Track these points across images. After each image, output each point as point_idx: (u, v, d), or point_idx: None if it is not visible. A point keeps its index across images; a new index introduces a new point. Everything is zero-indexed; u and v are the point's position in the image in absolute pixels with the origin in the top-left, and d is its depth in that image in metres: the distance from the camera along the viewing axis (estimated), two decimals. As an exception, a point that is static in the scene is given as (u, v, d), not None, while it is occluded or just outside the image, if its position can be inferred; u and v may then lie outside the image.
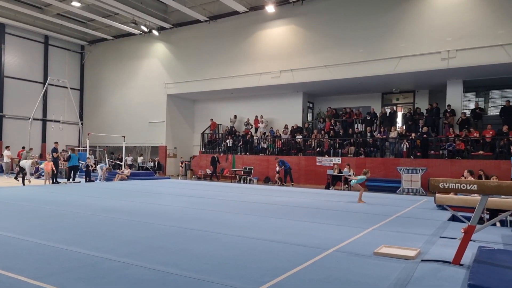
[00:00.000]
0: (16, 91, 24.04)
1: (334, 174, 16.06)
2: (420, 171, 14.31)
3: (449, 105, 16.76)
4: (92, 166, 17.36)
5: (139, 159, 23.21)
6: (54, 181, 15.16)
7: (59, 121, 20.58)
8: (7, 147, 19.64)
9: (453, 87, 17.14)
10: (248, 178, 19.02)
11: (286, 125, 20.24)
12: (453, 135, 15.68)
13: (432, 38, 15.64)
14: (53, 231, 5.75)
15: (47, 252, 4.50)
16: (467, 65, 14.89)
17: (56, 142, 16.84)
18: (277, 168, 17.83)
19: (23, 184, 14.21)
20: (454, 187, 4.09)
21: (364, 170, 10.93)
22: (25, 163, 14.61)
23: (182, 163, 21.74)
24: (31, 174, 15.27)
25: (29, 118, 19.32)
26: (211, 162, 20.08)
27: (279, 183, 17.51)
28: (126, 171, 18.27)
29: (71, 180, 15.71)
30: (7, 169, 19.32)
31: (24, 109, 23.52)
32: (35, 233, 5.56)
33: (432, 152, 15.93)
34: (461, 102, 17.15)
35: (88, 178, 16.61)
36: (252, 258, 4.45)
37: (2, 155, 20.33)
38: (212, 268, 3.98)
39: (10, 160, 18.96)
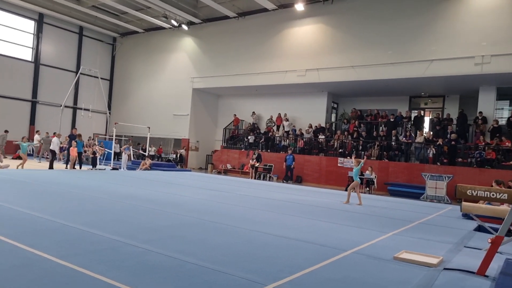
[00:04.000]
0: (50, 78, 24.98)
1: (356, 176, 15.78)
2: (446, 178, 13.86)
3: (480, 112, 16.12)
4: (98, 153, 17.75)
5: (182, 151, 23.08)
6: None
7: (88, 110, 21.25)
8: (37, 132, 20.47)
9: (485, 93, 16.47)
10: (268, 175, 19.00)
11: (310, 124, 20.06)
12: (483, 143, 15.08)
13: (465, 42, 15.07)
14: (78, 214, 5.95)
15: (72, 233, 4.66)
16: (502, 71, 14.25)
17: (75, 129, 17.41)
18: (251, 162, 18.64)
19: (51, 167, 14.75)
20: (483, 195, 3.93)
21: (358, 160, 10.64)
22: (54, 144, 15.18)
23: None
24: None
25: (61, 105, 20.03)
26: (257, 158, 19.74)
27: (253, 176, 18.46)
28: (148, 162, 18.61)
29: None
30: (37, 152, 20.13)
31: (56, 96, 24.41)
32: (61, 214, 5.77)
33: (460, 159, 15.39)
34: (493, 109, 16.45)
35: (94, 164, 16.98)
36: (270, 253, 4.44)
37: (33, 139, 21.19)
38: (229, 260, 4.01)
39: (39, 144, 19.74)
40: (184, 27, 23.03)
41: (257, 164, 18.83)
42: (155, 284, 3.18)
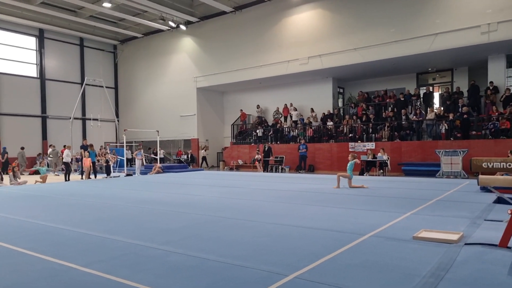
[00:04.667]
0: (57, 92, 25.31)
1: (368, 159, 15.70)
2: (461, 153, 13.66)
3: (491, 82, 15.79)
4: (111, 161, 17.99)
5: (203, 152, 22.92)
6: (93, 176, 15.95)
7: (97, 119, 21.48)
8: (50, 146, 20.87)
9: (495, 62, 16.10)
10: (279, 167, 19.01)
11: (312, 108, 19.97)
12: (496, 113, 14.78)
13: (470, 11, 14.72)
14: (97, 222, 6.07)
15: (93, 242, 4.76)
16: (510, 38, 13.90)
17: (85, 140, 17.76)
18: (257, 156, 19.11)
19: (67, 179, 15.02)
20: (499, 167, 3.87)
21: (354, 154, 10.77)
22: (66, 157, 15.47)
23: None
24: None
25: (70, 118, 20.30)
26: (265, 152, 19.47)
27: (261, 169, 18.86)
28: (157, 166, 18.72)
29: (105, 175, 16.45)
30: (52, 166, 20.53)
31: (64, 109, 24.75)
32: (81, 224, 5.90)
33: (473, 132, 15.13)
34: (504, 78, 16.09)
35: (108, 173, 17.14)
36: (287, 244, 4.47)
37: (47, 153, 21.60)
38: (248, 254, 4.04)
39: (53, 158, 20.13)
40: (182, 27, 23.02)
41: (259, 158, 19.11)
42: (178, 284, 3.23)
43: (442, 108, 16.91)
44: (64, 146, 20.31)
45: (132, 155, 21.10)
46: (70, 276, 3.46)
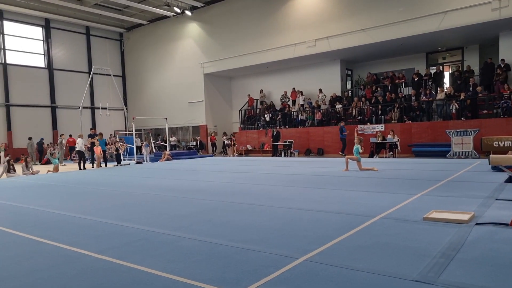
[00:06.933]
0: (65, 82, 25.48)
1: (378, 141, 15.57)
2: (472, 132, 13.44)
3: (502, 60, 15.38)
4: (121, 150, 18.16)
5: (225, 139, 23.41)
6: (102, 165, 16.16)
7: (106, 108, 21.62)
8: (61, 135, 21.16)
9: (506, 39, 15.65)
10: (288, 151, 18.99)
11: (320, 89, 19.78)
12: (508, 91, 14.44)
13: (482, -14, 14.25)
14: (109, 210, 6.17)
15: (105, 229, 4.85)
16: (523, 12, 13.47)
17: (93, 129, 17.94)
18: (227, 141, 20.84)
19: (80, 168, 15.26)
20: (511, 145, 3.79)
21: (360, 138, 10.56)
22: (80, 145, 15.69)
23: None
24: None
25: (79, 107, 20.47)
26: (273, 137, 19.56)
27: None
28: (166, 153, 18.88)
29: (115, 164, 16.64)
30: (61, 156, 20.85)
31: (73, 99, 24.96)
32: (93, 212, 6.00)
33: (485, 111, 14.84)
34: (517, 55, 15.66)
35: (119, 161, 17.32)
36: (298, 228, 4.49)
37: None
38: (259, 238, 4.08)
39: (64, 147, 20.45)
40: (188, 12, 22.77)
41: (230, 143, 20.50)
42: (190, 268, 3.28)
43: (452, 88, 16.59)
44: (70, 135, 20.67)
45: (141, 144, 21.31)
46: (84, 263, 3.54)
